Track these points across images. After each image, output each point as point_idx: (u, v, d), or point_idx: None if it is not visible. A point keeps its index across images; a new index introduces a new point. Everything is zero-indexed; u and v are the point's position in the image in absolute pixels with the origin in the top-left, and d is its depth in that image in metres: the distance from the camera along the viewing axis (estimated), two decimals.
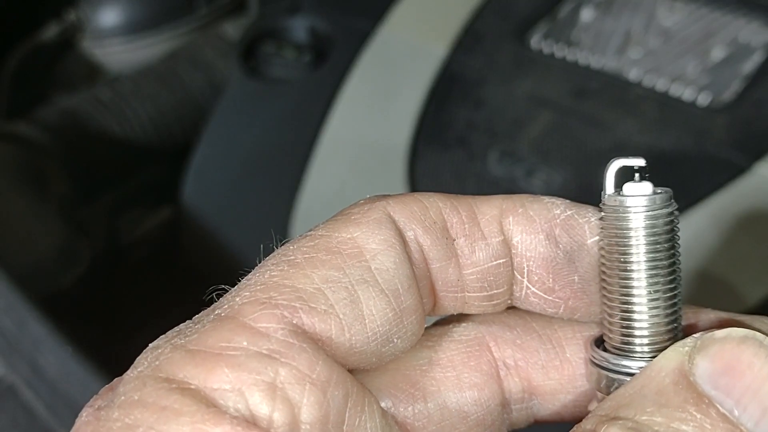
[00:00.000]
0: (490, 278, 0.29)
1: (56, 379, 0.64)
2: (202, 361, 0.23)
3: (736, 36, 0.91)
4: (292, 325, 0.24)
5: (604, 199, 0.28)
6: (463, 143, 0.86)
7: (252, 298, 0.25)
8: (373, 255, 0.26)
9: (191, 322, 0.25)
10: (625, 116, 0.84)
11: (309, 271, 0.26)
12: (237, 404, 0.23)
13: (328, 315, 0.25)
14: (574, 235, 0.29)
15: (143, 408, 0.23)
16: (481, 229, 0.29)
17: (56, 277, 0.86)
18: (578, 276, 0.29)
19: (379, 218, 0.27)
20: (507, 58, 0.93)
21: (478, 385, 0.30)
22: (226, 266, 0.89)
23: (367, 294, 0.26)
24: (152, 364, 0.24)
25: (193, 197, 0.95)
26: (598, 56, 0.91)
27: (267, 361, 0.23)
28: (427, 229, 0.28)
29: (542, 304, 0.29)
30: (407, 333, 0.27)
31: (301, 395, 0.23)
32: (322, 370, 0.24)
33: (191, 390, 0.23)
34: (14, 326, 0.68)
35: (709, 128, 0.81)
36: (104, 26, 1.20)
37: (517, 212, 0.29)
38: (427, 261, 0.28)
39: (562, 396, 0.31)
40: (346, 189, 0.87)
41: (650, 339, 0.28)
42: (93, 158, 1.05)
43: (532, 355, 0.31)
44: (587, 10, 0.98)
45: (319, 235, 0.27)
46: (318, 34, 1.05)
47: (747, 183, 0.76)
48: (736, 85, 0.85)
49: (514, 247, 0.29)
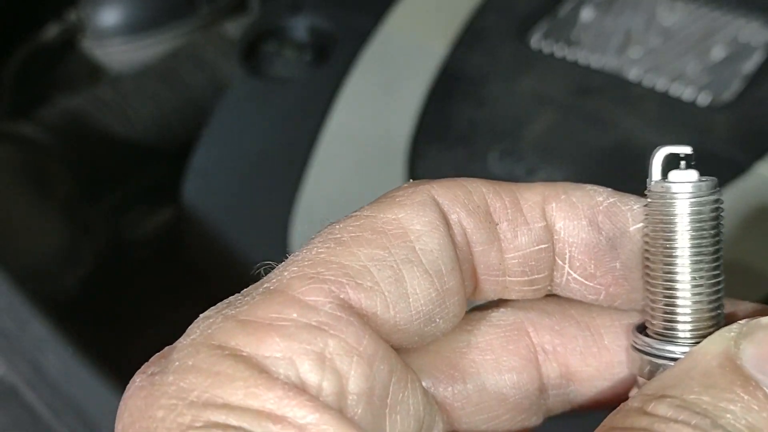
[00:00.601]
0: (531, 263, 0.29)
1: (58, 379, 0.64)
2: (253, 331, 0.24)
3: (737, 35, 0.91)
4: (339, 300, 0.25)
5: (650, 186, 0.29)
6: (463, 142, 0.86)
7: (300, 273, 0.26)
8: (418, 236, 0.27)
9: (240, 295, 0.26)
10: (625, 115, 0.84)
11: (355, 249, 0.26)
12: (288, 372, 0.23)
13: (374, 292, 0.26)
14: (617, 222, 0.29)
15: (198, 373, 0.23)
16: (523, 215, 0.29)
17: (58, 277, 0.86)
18: (620, 263, 0.29)
19: (423, 201, 0.28)
20: (507, 57, 0.93)
21: (516, 368, 0.31)
22: (227, 265, 0.89)
23: (412, 273, 0.26)
24: (205, 332, 0.25)
25: (194, 196, 0.95)
26: (599, 55, 0.91)
27: (316, 332, 0.24)
28: (471, 212, 0.28)
29: (582, 290, 0.30)
30: (449, 314, 0.28)
31: (349, 367, 0.24)
32: (368, 343, 0.25)
33: (244, 357, 0.23)
34: (16, 326, 0.68)
35: (710, 127, 0.81)
36: (105, 26, 1.20)
37: (560, 198, 0.29)
38: (470, 244, 0.28)
39: (599, 382, 0.31)
40: (347, 187, 0.87)
41: (694, 324, 0.28)
42: (95, 158, 1.05)
43: (570, 341, 0.31)
44: (587, 10, 0.98)
45: (364, 216, 0.27)
46: (319, 33, 1.05)
47: (747, 182, 0.76)
48: (737, 84, 0.85)
49: (557, 233, 0.29)
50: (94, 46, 1.23)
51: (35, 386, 0.67)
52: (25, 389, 0.68)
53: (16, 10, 1.23)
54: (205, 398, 0.23)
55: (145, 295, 1.08)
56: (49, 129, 1.02)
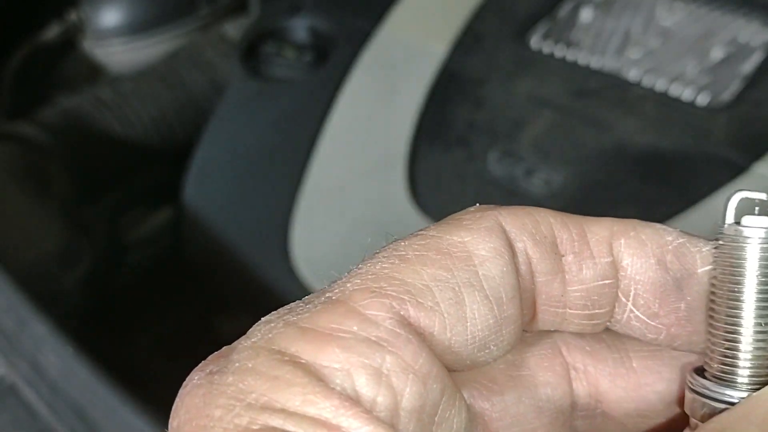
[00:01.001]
0: (594, 297, 0.29)
1: (57, 378, 0.64)
2: (313, 339, 0.24)
3: (736, 36, 0.91)
4: (400, 316, 0.25)
5: (723, 228, 0.29)
6: (463, 143, 0.86)
7: (363, 286, 0.26)
8: (482, 261, 0.27)
9: (302, 302, 0.26)
10: (624, 116, 0.84)
11: (419, 267, 0.26)
12: (344, 383, 0.24)
13: (434, 312, 0.26)
14: (685, 262, 0.29)
15: (257, 376, 0.23)
16: (590, 248, 0.29)
17: (57, 276, 0.86)
18: (684, 304, 0.29)
19: (490, 227, 0.28)
20: (507, 58, 0.93)
21: (551, 384, 0.31)
22: (227, 265, 0.90)
23: (472, 297, 0.27)
24: (266, 336, 0.25)
25: (194, 197, 0.95)
26: (598, 56, 0.91)
27: (375, 347, 0.24)
28: (538, 242, 0.28)
29: (643, 328, 0.30)
30: (503, 342, 0.28)
31: (404, 384, 0.24)
32: (424, 362, 0.25)
33: (302, 364, 0.24)
34: (15, 326, 0.68)
35: (709, 128, 0.81)
36: (105, 26, 1.20)
37: (629, 235, 0.29)
38: (533, 274, 0.29)
39: (626, 404, 0.31)
40: (347, 188, 0.87)
41: (754, 371, 0.28)
42: (94, 158, 1.05)
43: (601, 362, 0.31)
44: (587, 10, 0.98)
45: (430, 235, 0.28)
46: (318, 34, 1.05)
47: (746, 183, 0.76)
48: (736, 85, 0.85)
49: (623, 270, 0.29)
50: (93, 47, 1.23)
51: (34, 385, 0.67)
52: (25, 388, 0.69)
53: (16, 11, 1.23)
54: (263, 401, 0.23)
55: (144, 295, 1.08)
56: (49, 129, 1.02)
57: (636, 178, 0.79)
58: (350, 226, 0.83)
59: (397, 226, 0.86)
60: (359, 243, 0.88)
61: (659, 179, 0.79)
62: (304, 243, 0.84)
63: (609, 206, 0.78)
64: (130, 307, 1.04)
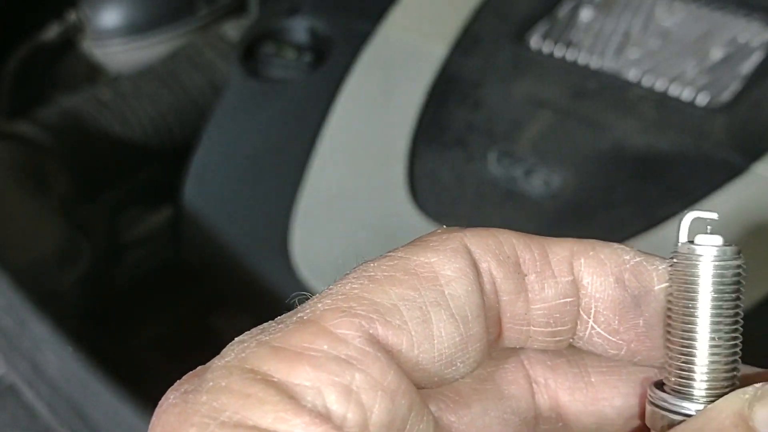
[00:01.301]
0: (556, 315, 0.30)
1: (57, 378, 0.65)
2: (285, 358, 0.25)
3: (735, 36, 0.91)
4: (369, 335, 0.26)
5: (678, 247, 0.30)
6: (462, 143, 0.86)
7: (333, 306, 0.27)
8: (448, 281, 0.28)
9: (274, 322, 0.27)
10: (623, 116, 0.84)
11: (387, 287, 0.27)
12: (315, 400, 0.24)
13: (402, 330, 0.27)
14: (643, 280, 0.30)
15: (230, 394, 0.24)
16: (551, 268, 0.30)
17: (56, 276, 0.86)
18: (643, 320, 0.30)
19: (455, 248, 0.29)
20: (506, 59, 0.93)
21: (516, 396, 0.32)
22: (226, 265, 0.90)
23: (439, 316, 0.27)
24: (239, 356, 0.26)
25: (193, 197, 0.95)
26: (597, 56, 0.91)
27: (345, 365, 0.25)
28: (501, 262, 0.29)
29: (605, 344, 0.31)
30: (470, 359, 0.28)
31: (373, 401, 0.25)
32: (392, 379, 0.26)
33: (274, 382, 0.24)
34: (15, 325, 0.68)
35: (708, 128, 0.81)
36: (105, 27, 1.21)
37: (588, 255, 0.30)
38: (497, 293, 0.29)
39: (585, 418, 0.32)
40: (346, 189, 0.87)
41: (710, 383, 0.29)
42: (93, 158, 1.05)
43: (561, 376, 0.32)
44: (586, 11, 0.98)
45: (398, 257, 0.29)
46: (317, 35, 1.05)
47: (745, 183, 0.77)
48: (735, 85, 0.85)
49: (584, 288, 0.30)
50: (93, 47, 1.23)
51: (34, 385, 0.67)
52: (24, 388, 0.69)
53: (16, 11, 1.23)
54: (236, 419, 0.24)
55: (142, 294, 1.08)
56: (48, 129, 1.02)
57: (635, 178, 0.79)
58: (350, 225, 0.84)
59: (397, 226, 0.86)
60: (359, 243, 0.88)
61: (658, 180, 0.79)
62: (304, 243, 0.84)
63: (607, 206, 0.78)
64: (129, 307, 1.05)
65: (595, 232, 0.77)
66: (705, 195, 0.76)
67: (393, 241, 0.88)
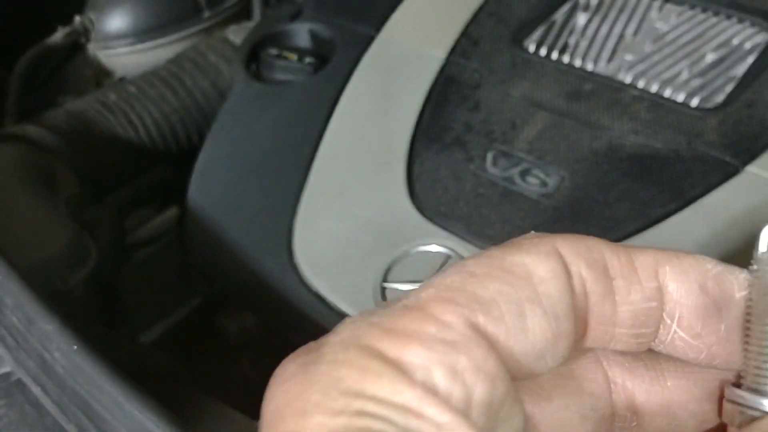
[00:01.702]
0: (641, 318, 0.31)
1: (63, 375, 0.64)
2: (397, 338, 0.27)
3: (728, 39, 0.91)
4: (471, 323, 0.28)
5: (757, 257, 0.32)
6: (460, 144, 0.87)
7: (437, 295, 0.28)
8: (541, 280, 0.29)
9: (380, 309, 0.29)
10: (619, 117, 0.85)
11: (486, 282, 0.29)
12: (425, 377, 0.26)
13: (500, 321, 0.28)
14: (725, 288, 0.32)
15: (348, 367, 0.26)
16: (637, 274, 0.31)
17: (64, 275, 0.86)
18: (724, 325, 0.32)
19: (548, 251, 0.30)
20: (504, 62, 0.93)
21: (595, 394, 0.34)
22: (231, 264, 0.90)
23: (533, 312, 0.29)
24: (354, 333, 0.27)
25: (198, 198, 0.95)
26: (593, 59, 0.92)
27: (450, 348, 0.27)
28: (591, 266, 0.31)
29: (686, 348, 0.32)
30: (558, 354, 0.30)
31: (475, 382, 0.27)
32: (493, 364, 0.27)
33: (389, 358, 0.26)
34: (22, 324, 0.68)
35: (702, 130, 0.82)
36: (110, 30, 1.21)
37: (673, 263, 0.32)
38: (587, 294, 0.31)
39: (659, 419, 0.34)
40: (348, 189, 0.87)
41: None
42: (99, 160, 1.05)
43: (638, 378, 0.34)
44: (582, 15, 0.99)
45: (495, 255, 0.30)
46: (319, 39, 1.05)
47: (739, 184, 0.77)
48: (728, 87, 0.85)
49: (669, 294, 0.32)
50: (98, 51, 1.23)
51: (41, 382, 0.67)
52: (32, 385, 0.69)
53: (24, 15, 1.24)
54: (355, 388, 0.25)
55: (148, 293, 1.09)
56: (55, 131, 1.02)
57: (630, 178, 0.80)
58: (351, 225, 0.84)
59: (396, 225, 0.87)
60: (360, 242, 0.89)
61: (653, 180, 0.79)
62: (307, 242, 0.84)
63: (603, 206, 0.78)
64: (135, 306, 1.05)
65: (592, 231, 0.77)
66: (700, 196, 0.77)
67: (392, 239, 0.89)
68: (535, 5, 1.00)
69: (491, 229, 0.79)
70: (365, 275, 0.78)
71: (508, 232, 0.78)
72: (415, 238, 0.80)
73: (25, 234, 0.87)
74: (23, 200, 0.91)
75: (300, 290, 0.81)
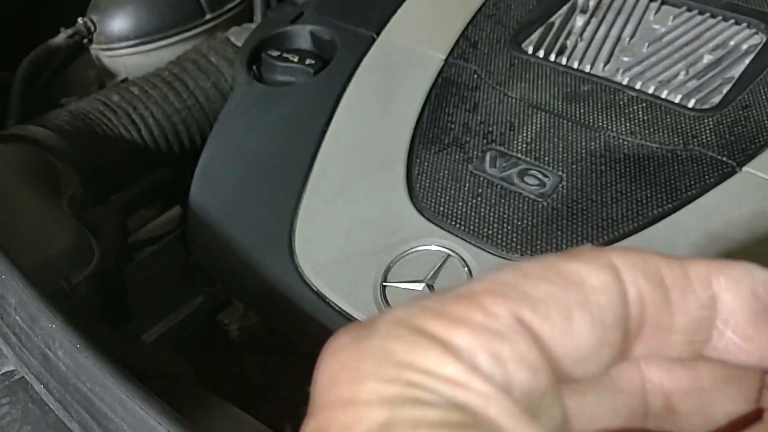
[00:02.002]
0: (696, 326, 0.32)
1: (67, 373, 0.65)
2: (445, 321, 0.28)
3: (725, 40, 0.92)
4: (517, 316, 0.29)
5: None
6: (459, 145, 0.87)
7: (489, 288, 0.29)
8: (593, 289, 0.30)
9: (431, 295, 0.30)
10: (616, 119, 0.85)
11: (538, 282, 0.30)
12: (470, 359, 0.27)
13: (546, 320, 0.29)
14: None
15: (400, 341, 0.27)
16: (692, 284, 0.32)
17: (67, 275, 0.86)
18: None
19: (602, 263, 0.31)
20: (502, 64, 0.94)
21: (629, 392, 0.34)
22: (232, 264, 0.90)
23: (581, 316, 0.30)
24: (406, 313, 0.29)
25: (200, 198, 0.95)
26: (590, 61, 0.92)
27: (496, 336, 0.28)
28: (648, 278, 0.31)
29: (737, 352, 0.33)
30: (601, 362, 0.31)
31: (517, 370, 0.28)
32: (536, 356, 0.28)
33: (437, 338, 0.27)
34: (26, 322, 0.68)
35: (698, 131, 0.82)
36: (113, 32, 1.21)
37: (725, 272, 0.32)
38: (644, 305, 0.31)
39: (695, 419, 0.35)
40: (348, 189, 0.87)
41: None
42: (102, 160, 1.05)
43: (675, 379, 0.35)
44: (580, 17, 0.99)
45: (551, 261, 0.31)
46: (320, 41, 1.06)
47: (735, 185, 0.78)
48: (725, 88, 0.86)
49: (723, 302, 0.32)
50: (101, 52, 1.24)
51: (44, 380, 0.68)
52: (35, 383, 0.69)
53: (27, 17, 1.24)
54: (406, 361, 0.27)
55: (151, 293, 1.09)
56: (58, 132, 1.02)
57: (627, 179, 0.80)
58: (352, 225, 0.84)
59: (396, 225, 0.87)
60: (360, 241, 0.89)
61: (650, 180, 0.79)
62: (307, 241, 0.84)
63: (601, 206, 0.79)
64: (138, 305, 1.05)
65: (589, 230, 0.77)
66: (696, 196, 0.78)
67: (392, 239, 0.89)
68: (533, 7, 1.00)
69: (490, 228, 0.79)
70: (365, 274, 0.79)
71: (506, 232, 0.78)
72: (414, 238, 0.80)
73: (29, 233, 0.87)
74: (26, 200, 0.91)
75: (301, 289, 0.81)
